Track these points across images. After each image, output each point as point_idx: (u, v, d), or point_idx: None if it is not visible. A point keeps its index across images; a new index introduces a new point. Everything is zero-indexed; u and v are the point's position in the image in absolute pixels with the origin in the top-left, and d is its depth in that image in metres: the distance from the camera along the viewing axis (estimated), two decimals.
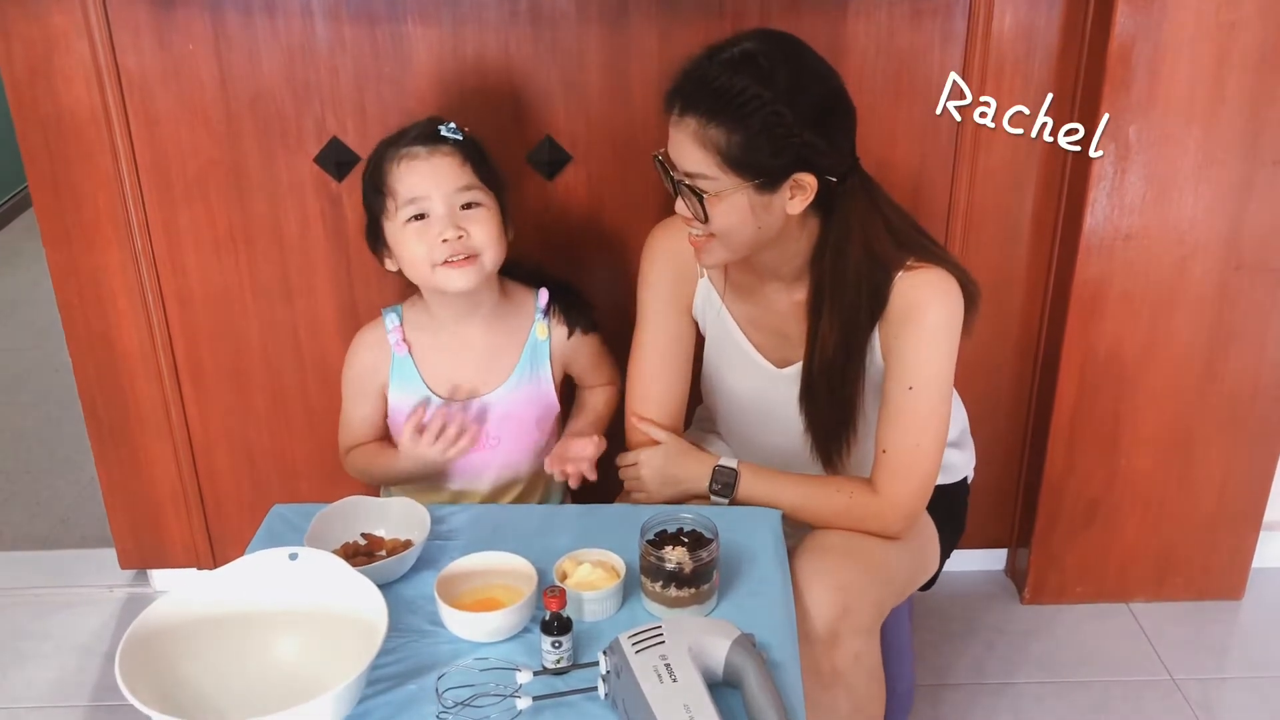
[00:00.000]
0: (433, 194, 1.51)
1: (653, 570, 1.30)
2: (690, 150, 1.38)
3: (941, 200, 1.94)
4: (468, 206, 1.54)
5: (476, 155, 1.56)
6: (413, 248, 1.53)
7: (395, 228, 1.55)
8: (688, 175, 1.40)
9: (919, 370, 1.45)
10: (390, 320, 1.66)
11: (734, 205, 1.39)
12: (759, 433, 1.67)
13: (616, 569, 1.34)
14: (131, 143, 1.87)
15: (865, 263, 1.44)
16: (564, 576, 1.33)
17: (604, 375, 1.79)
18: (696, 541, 1.34)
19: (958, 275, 1.46)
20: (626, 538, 1.37)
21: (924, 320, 1.44)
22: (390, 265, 1.61)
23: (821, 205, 1.42)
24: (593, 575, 1.33)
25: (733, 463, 1.55)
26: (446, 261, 1.53)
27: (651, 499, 1.59)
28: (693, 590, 1.30)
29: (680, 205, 1.44)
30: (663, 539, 1.35)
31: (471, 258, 1.53)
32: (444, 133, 1.53)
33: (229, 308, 1.99)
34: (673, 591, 1.30)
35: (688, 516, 1.38)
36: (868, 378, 1.52)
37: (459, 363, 1.66)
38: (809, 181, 1.38)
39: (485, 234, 1.54)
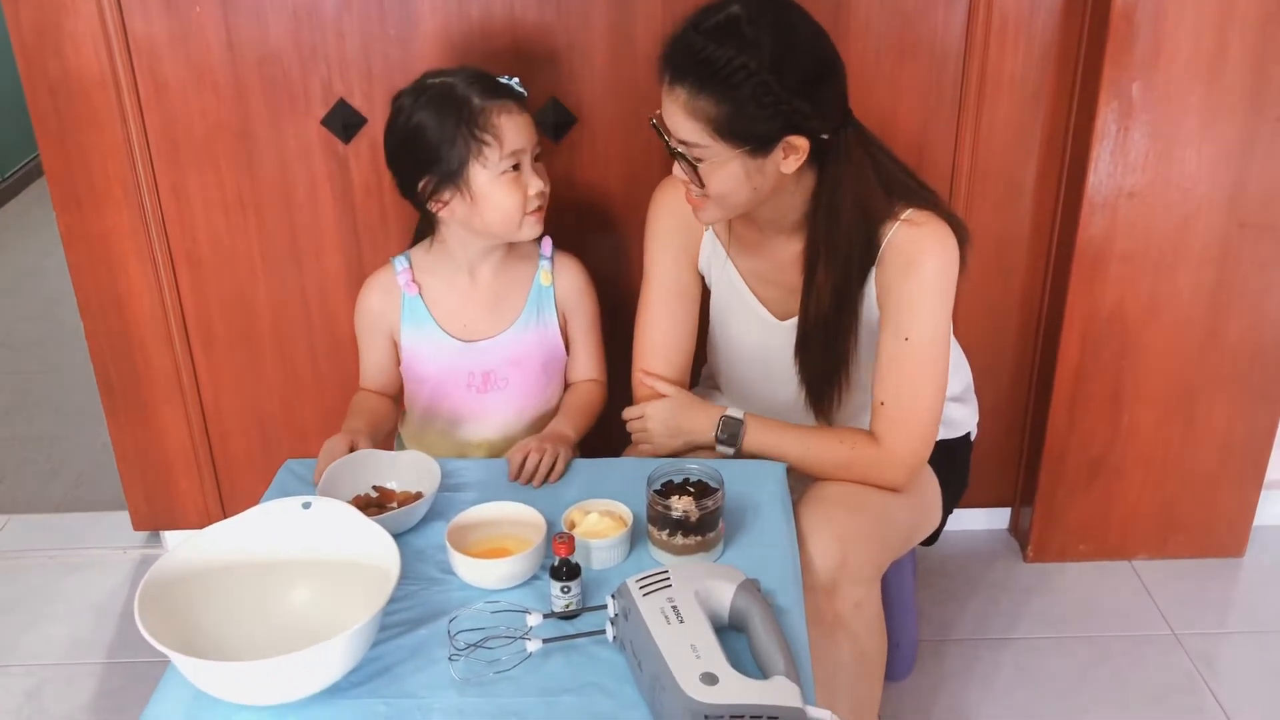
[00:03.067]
0: (527, 147, 1.59)
1: (660, 519, 1.32)
2: (682, 120, 1.39)
3: (945, 159, 1.95)
4: (537, 159, 1.62)
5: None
6: (509, 196, 1.58)
7: (489, 176, 1.57)
8: (682, 143, 1.41)
9: (915, 322, 1.47)
10: (399, 263, 1.70)
11: (729, 172, 1.41)
12: (759, 384, 1.68)
13: (623, 518, 1.36)
14: (140, 106, 1.88)
15: (858, 216, 1.46)
16: (572, 526, 1.35)
17: (592, 368, 1.78)
18: (702, 491, 1.36)
19: (949, 220, 1.47)
20: (633, 490, 1.39)
21: (921, 272, 1.45)
22: (447, 212, 1.61)
23: (816, 158, 1.43)
24: (600, 524, 1.35)
25: (739, 413, 1.56)
26: (534, 210, 1.61)
27: (658, 451, 1.61)
28: (699, 538, 1.32)
29: (677, 169, 1.46)
30: (669, 489, 1.37)
31: (544, 208, 1.63)
32: (517, 88, 1.59)
33: (238, 270, 2.01)
34: (679, 539, 1.32)
35: (694, 467, 1.40)
36: (863, 327, 1.54)
37: (468, 303, 1.70)
38: (801, 143, 1.40)
39: (548, 186, 1.64)
